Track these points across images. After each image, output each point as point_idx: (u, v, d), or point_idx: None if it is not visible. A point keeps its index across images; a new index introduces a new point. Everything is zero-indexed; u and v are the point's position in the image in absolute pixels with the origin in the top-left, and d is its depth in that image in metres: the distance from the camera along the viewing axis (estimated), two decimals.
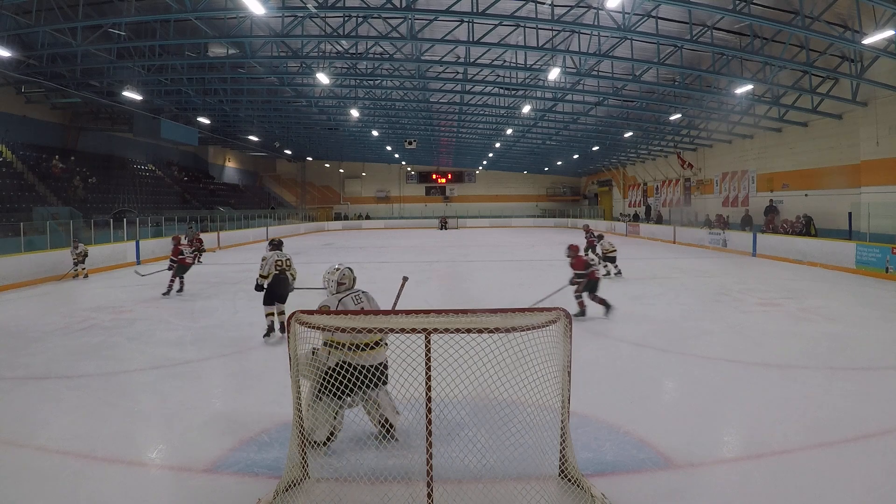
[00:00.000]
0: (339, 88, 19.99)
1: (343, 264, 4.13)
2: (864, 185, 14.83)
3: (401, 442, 3.74)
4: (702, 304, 9.19)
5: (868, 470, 3.41)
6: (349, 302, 3.80)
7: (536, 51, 14.59)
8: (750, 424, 4.18)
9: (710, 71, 15.26)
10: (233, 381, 5.49)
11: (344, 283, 3.98)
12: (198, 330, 7.50)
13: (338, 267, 4.05)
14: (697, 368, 5.66)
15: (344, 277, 3.98)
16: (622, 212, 35.08)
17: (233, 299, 10.09)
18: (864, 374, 5.29)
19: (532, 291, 10.68)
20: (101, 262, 14.61)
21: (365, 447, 3.74)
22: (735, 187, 22.13)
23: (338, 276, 3.98)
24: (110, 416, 4.41)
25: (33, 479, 3.34)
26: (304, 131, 30.61)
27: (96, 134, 25.08)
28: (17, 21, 12.49)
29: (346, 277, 4.00)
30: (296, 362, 3.17)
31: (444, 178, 45.36)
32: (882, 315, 8.09)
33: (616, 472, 3.39)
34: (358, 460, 3.49)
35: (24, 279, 11.95)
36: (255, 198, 38.63)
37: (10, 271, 11.69)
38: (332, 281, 3.99)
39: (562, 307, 3.07)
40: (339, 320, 3.21)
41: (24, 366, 5.83)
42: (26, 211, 17.08)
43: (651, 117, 21.70)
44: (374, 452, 3.62)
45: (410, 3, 11.93)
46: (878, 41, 10.94)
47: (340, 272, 4.00)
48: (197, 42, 15.18)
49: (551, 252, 19.60)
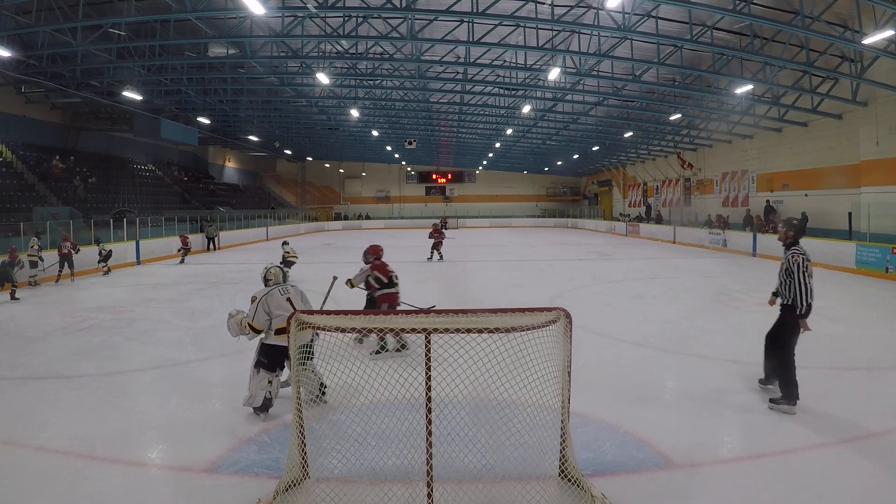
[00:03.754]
0: (339, 88, 19.99)
1: (273, 264, 5.06)
2: (864, 185, 14.83)
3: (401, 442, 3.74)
4: (702, 304, 9.19)
5: (868, 470, 3.41)
6: (276, 293, 4.49)
7: (536, 51, 14.59)
8: (750, 424, 4.18)
9: (710, 71, 15.27)
10: (233, 381, 5.48)
11: (270, 279, 4.77)
12: (198, 330, 7.50)
13: (266, 266, 4.97)
14: (697, 368, 5.66)
15: (270, 274, 4.82)
16: (622, 212, 35.08)
17: (233, 299, 10.09)
18: (864, 374, 5.29)
19: (532, 291, 10.70)
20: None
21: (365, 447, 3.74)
22: (735, 187, 22.13)
23: (265, 273, 4.86)
24: (110, 416, 4.41)
25: (33, 479, 3.34)
26: (304, 131, 30.62)
27: (96, 134, 25.09)
28: (17, 21, 12.49)
29: (272, 274, 4.82)
30: (296, 362, 3.17)
31: (444, 178, 45.37)
32: (882, 315, 8.10)
33: (616, 472, 3.39)
34: (358, 460, 3.49)
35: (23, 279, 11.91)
36: (255, 198, 38.63)
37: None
38: (262, 276, 4.88)
39: (562, 307, 3.07)
40: (339, 320, 3.21)
41: (24, 366, 5.83)
42: (26, 211, 17.09)
43: (651, 117, 21.71)
44: (374, 452, 3.62)
45: (410, 3, 11.93)
46: (878, 41, 10.95)
47: (267, 270, 4.88)
48: (197, 42, 15.19)
49: (551, 252, 19.62)
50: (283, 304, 4.41)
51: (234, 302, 9.78)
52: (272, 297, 4.45)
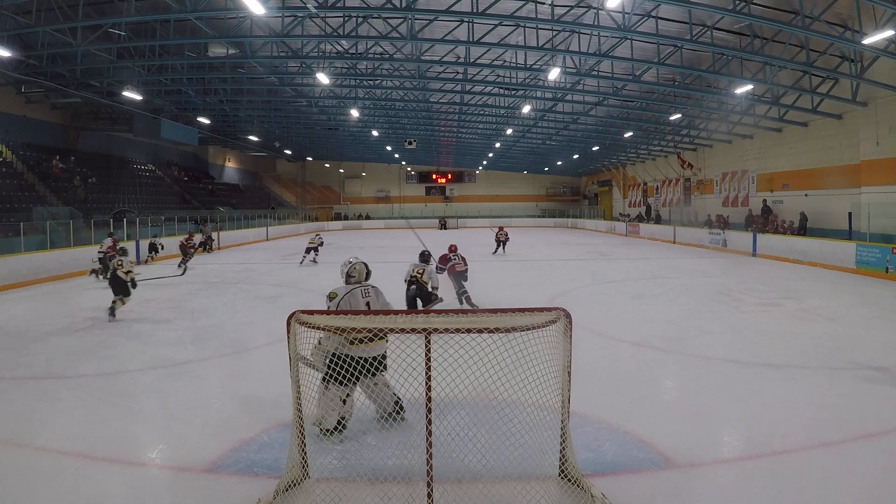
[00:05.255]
0: (339, 88, 19.99)
1: (358, 258, 4.41)
2: (864, 185, 14.83)
3: (401, 442, 3.74)
4: (702, 304, 9.19)
5: (868, 470, 3.41)
6: (358, 293, 4.05)
7: (536, 51, 14.59)
8: (750, 424, 4.18)
9: (710, 71, 15.26)
10: (233, 381, 5.49)
11: (353, 276, 4.24)
12: (198, 330, 7.50)
13: (351, 260, 4.35)
14: (697, 368, 5.66)
15: (354, 270, 4.27)
16: (622, 211, 35.08)
17: (233, 299, 10.09)
18: (864, 374, 5.29)
19: (532, 291, 10.70)
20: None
21: (365, 447, 3.74)
22: (735, 187, 22.13)
23: (348, 268, 4.30)
24: (110, 416, 4.41)
25: (33, 479, 3.34)
26: (304, 131, 30.61)
27: (96, 134, 25.07)
28: (17, 21, 12.49)
29: (356, 271, 4.28)
30: (296, 362, 3.17)
31: (444, 178, 45.35)
32: (882, 315, 8.09)
33: (616, 472, 3.39)
34: (358, 460, 3.49)
35: (23, 279, 11.94)
36: (255, 198, 38.63)
37: (9, 271, 11.68)
38: (343, 272, 4.31)
39: (562, 307, 3.06)
40: (339, 320, 3.22)
41: (24, 366, 5.83)
42: (26, 211, 17.07)
43: (651, 117, 21.70)
44: (374, 452, 3.62)
45: (410, 3, 11.93)
46: (878, 41, 10.94)
47: (352, 265, 4.30)
48: (197, 42, 15.18)
49: (551, 252, 19.62)
50: (362, 308, 3.96)
51: (234, 302, 9.79)
52: (354, 296, 4.02)
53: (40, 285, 12.08)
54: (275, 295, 10.53)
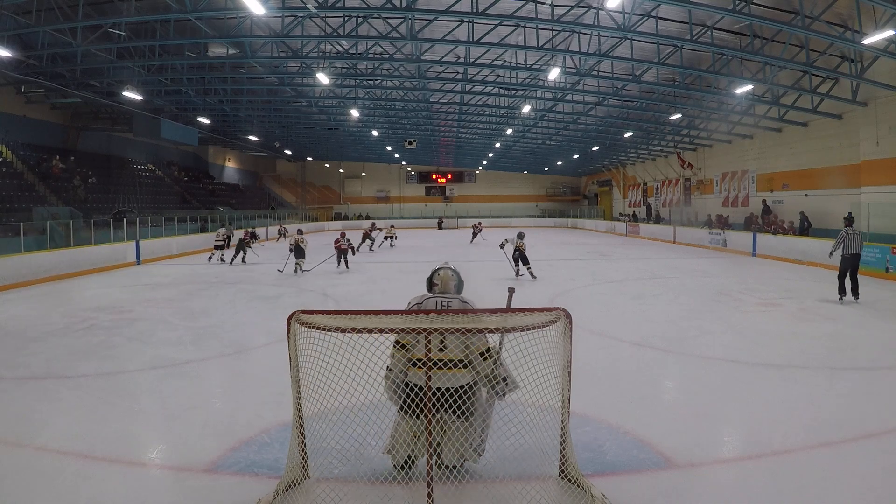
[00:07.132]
0: (339, 88, 19.99)
1: (447, 263, 3.65)
2: (864, 185, 14.83)
3: None
4: (702, 304, 9.19)
5: (868, 470, 3.40)
6: (431, 304, 3.30)
7: (536, 51, 14.59)
8: (750, 424, 4.18)
9: (710, 71, 15.27)
10: (233, 381, 5.49)
11: (437, 283, 3.51)
12: (198, 330, 7.49)
13: (441, 266, 3.58)
14: (697, 368, 5.66)
15: (437, 277, 3.51)
16: (622, 211, 35.08)
17: (233, 299, 10.09)
18: (864, 374, 5.29)
19: (532, 291, 10.69)
20: (101, 262, 14.62)
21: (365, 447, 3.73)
22: (735, 187, 22.13)
23: (432, 274, 3.55)
24: (110, 416, 4.40)
25: (33, 479, 3.34)
26: (304, 131, 30.61)
27: (96, 134, 25.08)
28: (17, 21, 12.49)
29: (440, 278, 3.50)
30: (296, 362, 3.16)
31: (444, 178, 45.36)
32: (882, 315, 8.09)
33: (616, 472, 3.39)
34: (358, 460, 3.48)
35: (23, 279, 11.93)
36: (255, 198, 38.64)
37: (9, 271, 11.67)
38: (427, 278, 3.59)
39: (562, 307, 3.06)
40: (339, 320, 3.18)
41: (24, 366, 5.82)
42: (26, 211, 17.08)
43: (651, 117, 21.71)
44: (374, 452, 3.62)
45: (410, 3, 11.93)
46: (878, 41, 10.94)
47: (434, 271, 3.54)
48: (197, 42, 15.19)
49: (551, 252, 19.61)
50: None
51: (234, 302, 9.79)
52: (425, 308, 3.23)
53: (40, 285, 12.07)
54: (275, 295, 10.53)
